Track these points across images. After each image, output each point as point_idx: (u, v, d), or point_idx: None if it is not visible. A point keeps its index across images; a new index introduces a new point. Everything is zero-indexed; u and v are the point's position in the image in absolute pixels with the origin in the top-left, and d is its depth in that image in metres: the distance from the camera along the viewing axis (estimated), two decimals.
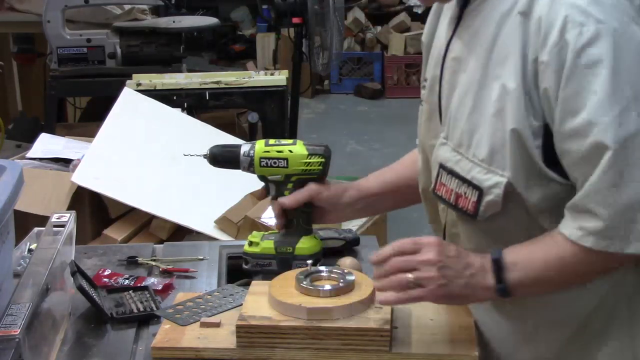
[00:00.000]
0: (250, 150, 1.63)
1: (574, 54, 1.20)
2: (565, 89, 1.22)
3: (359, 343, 1.37)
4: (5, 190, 1.39)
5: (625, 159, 1.20)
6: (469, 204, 1.34)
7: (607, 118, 1.19)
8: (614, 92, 1.19)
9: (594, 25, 1.20)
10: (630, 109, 1.19)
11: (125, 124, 2.52)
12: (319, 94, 7.20)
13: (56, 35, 3.74)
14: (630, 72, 1.20)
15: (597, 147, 1.20)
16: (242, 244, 1.98)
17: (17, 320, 1.28)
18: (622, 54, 1.20)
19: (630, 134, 1.19)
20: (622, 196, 1.20)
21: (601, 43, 1.19)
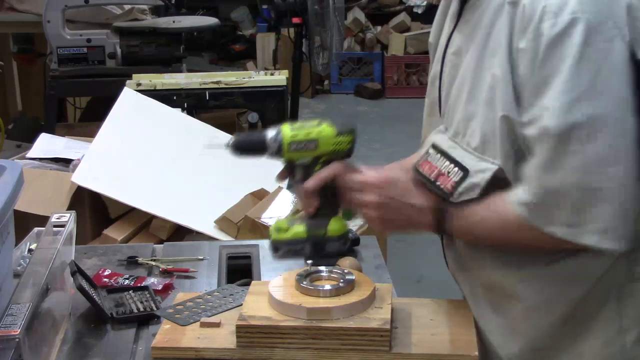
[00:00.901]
0: (278, 135, 1.56)
1: (546, 44, 1.23)
2: (535, 77, 1.25)
3: (359, 343, 1.37)
4: (5, 190, 1.39)
5: (564, 147, 1.23)
6: (448, 182, 1.37)
7: (558, 103, 1.23)
8: (571, 79, 1.22)
9: (568, 16, 1.22)
10: (585, 99, 1.22)
11: (125, 124, 2.52)
12: (319, 94, 7.20)
13: (56, 35, 3.74)
14: (593, 65, 1.22)
15: (544, 131, 1.24)
16: (242, 244, 1.98)
17: (17, 320, 1.28)
18: (590, 46, 1.22)
19: (576, 123, 1.22)
20: (552, 180, 1.25)
21: (572, 33, 1.22)
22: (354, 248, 1.90)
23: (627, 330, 1.34)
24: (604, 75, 1.22)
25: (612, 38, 1.23)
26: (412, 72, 7.01)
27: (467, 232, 1.39)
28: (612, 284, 1.34)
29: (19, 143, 3.71)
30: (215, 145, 1.62)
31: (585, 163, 1.23)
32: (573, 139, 1.23)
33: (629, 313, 1.34)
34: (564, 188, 1.25)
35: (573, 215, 1.25)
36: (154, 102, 2.69)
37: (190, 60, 5.06)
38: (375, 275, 1.74)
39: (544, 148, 1.25)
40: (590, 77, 1.22)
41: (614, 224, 1.25)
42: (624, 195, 1.24)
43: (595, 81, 1.22)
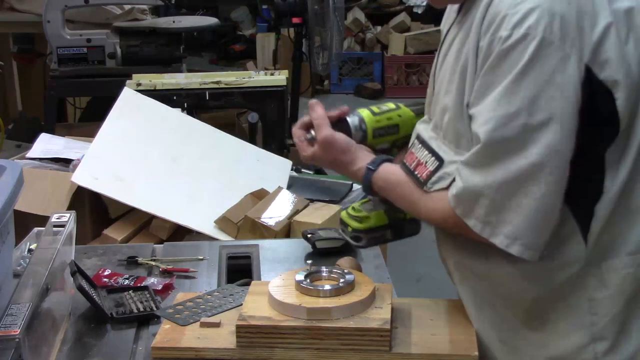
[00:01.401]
0: (362, 124, 1.59)
1: (498, 51, 1.25)
2: (481, 79, 1.28)
3: (359, 343, 1.37)
4: (5, 190, 1.39)
5: (491, 154, 1.27)
6: (424, 171, 1.40)
7: (491, 114, 1.26)
8: (510, 93, 1.24)
9: (523, 31, 1.23)
10: (519, 115, 1.24)
11: (125, 124, 2.52)
12: (319, 94, 7.19)
13: (56, 35, 3.74)
14: (537, 82, 1.23)
15: (476, 135, 1.28)
16: (242, 244, 1.98)
17: (17, 320, 1.28)
18: (537, 63, 1.23)
19: (505, 137, 1.25)
20: (475, 180, 1.29)
21: (523, 47, 1.23)
22: (354, 248, 1.90)
23: (598, 340, 1.35)
24: (546, 95, 1.23)
25: (565, 58, 1.23)
26: (412, 72, 7.01)
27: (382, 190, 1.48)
28: (583, 291, 1.35)
29: (19, 143, 3.71)
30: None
31: (507, 172, 1.26)
32: (499, 151, 1.26)
33: (599, 322, 1.34)
34: (485, 190, 1.28)
35: (489, 215, 1.29)
36: (154, 102, 2.69)
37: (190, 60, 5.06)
38: (375, 275, 1.74)
39: (472, 151, 1.29)
40: (529, 95, 1.24)
41: (525, 234, 1.28)
42: (540, 213, 1.27)
43: (535, 100, 1.23)
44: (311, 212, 2.29)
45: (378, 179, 1.48)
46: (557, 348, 1.37)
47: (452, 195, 1.33)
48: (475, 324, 1.45)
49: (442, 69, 1.43)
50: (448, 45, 1.43)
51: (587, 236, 1.33)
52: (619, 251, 1.33)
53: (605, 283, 1.34)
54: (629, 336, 1.34)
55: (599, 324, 1.34)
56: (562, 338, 1.36)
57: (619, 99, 1.27)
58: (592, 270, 1.34)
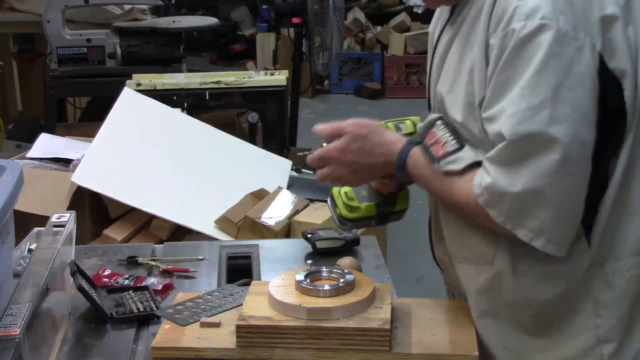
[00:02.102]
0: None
1: (513, 44, 1.24)
2: (498, 76, 1.26)
3: (359, 343, 1.37)
4: (5, 190, 1.39)
5: (516, 152, 1.25)
6: (441, 151, 1.38)
7: (514, 109, 1.23)
8: (532, 86, 1.23)
9: (538, 21, 1.22)
10: (543, 108, 1.22)
11: (125, 124, 2.52)
12: (319, 94, 7.20)
13: (56, 35, 3.74)
14: (557, 73, 1.22)
15: (499, 133, 1.26)
16: (242, 244, 1.98)
17: (17, 320, 1.28)
18: (556, 54, 1.22)
19: (530, 132, 1.23)
20: (502, 178, 1.27)
21: (540, 39, 1.22)
22: (354, 248, 1.90)
23: (604, 342, 1.34)
24: (567, 86, 1.22)
25: (581, 47, 1.23)
26: (412, 72, 7.01)
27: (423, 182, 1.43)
28: (588, 294, 1.34)
29: (19, 143, 3.71)
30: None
31: (534, 170, 1.24)
32: (526, 147, 1.24)
33: (604, 324, 1.34)
34: (511, 186, 1.26)
35: (514, 209, 1.27)
36: (154, 102, 2.69)
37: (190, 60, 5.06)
38: (375, 275, 1.74)
39: (498, 147, 1.27)
40: (552, 87, 1.22)
41: (550, 228, 1.27)
42: (566, 206, 1.26)
43: (557, 91, 1.22)
44: (311, 212, 2.29)
45: (414, 154, 1.42)
46: (563, 352, 1.36)
47: (478, 184, 1.30)
48: (478, 332, 1.44)
49: (444, 70, 1.42)
50: (445, 46, 1.42)
51: (590, 237, 1.32)
52: (622, 252, 1.33)
53: (611, 285, 1.34)
54: (635, 337, 1.34)
55: (604, 326, 1.34)
56: (568, 341, 1.36)
57: (627, 89, 1.27)
58: (597, 272, 1.34)
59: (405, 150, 1.42)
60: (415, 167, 1.42)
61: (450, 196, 1.38)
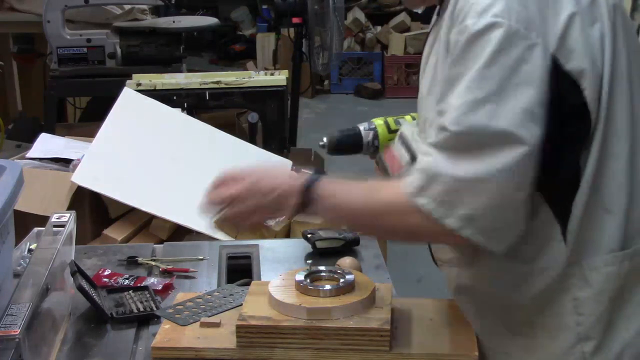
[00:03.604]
0: (375, 140, 1.60)
1: (464, 40, 1.24)
2: (449, 71, 1.26)
3: (359, 343, 1.37)
4: (5, 190, 1.39)
5: (457, 145, 1.23)
6: (396, 165, 1.40)
7: (460, 101, 1.23)
8: (478, 80, 1.22)
9: (490, 18, 1.22)
10: (488, 102, 1.21)
11: (125, 124, 2.52)
12: (319, 94, 7.20)
13: (56, 35, 3.74)
14: (504, 70, 1.21)
15: (442, 127, 1.24)
16: (242, 244, 1.98)
17: (17, 320, 1.28)
18: (504, 51, 1.21)
19: (473, 126, 1.22)
20: (438, 163, 1.24)
21: (490, 35, 1.22)
22: (354, 248, 1.90)
23: (585, 340, 1.34)
24: (513, 83, 1.21)
25: (531, 47, 1.22)
26: (412, 72, 7.01)
27: (334, 214, 1.37)
28: (567, 292, 1.34)
29: (19, 143, 3.71)
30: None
31: (474, 162, 1.22)
32: (468, 139, 1.22)
33: (584, 322, 1.34)
34: (451, 170, 1.23)
35: (448, 192, 1.23)
36: (154, 102, 2.69)
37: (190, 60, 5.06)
38: (375, 275, 1.74)
39: (442, 136, 1.25)
40: (497, 82, 1.21)
41: (482, 218, 1.23)
42: (502, 200, 1.23)
43: (503, 87, 1.21)
44: None
45: (325, 184, 1.36)
46: (546, 351, 1.36)
47: (406, 183, 1.27)
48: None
49: (425, 73, 1.43)
50: (427, 48, 1.44)
51: (566, 234, 1.32)
52: (599, 249, 1.33)
53: (589, 282, 1.33)
54: (615, 334, 1.34)
55: (584, 324, 1.34)
56: (550, 340, 1.36)
57: (587, 89, 1.26)
58: (575, 270, 1.33)
59: (314, 178, 1.37)
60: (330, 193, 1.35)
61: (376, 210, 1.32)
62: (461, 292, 1.46)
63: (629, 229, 1.33)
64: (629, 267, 1.33)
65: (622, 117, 1.31)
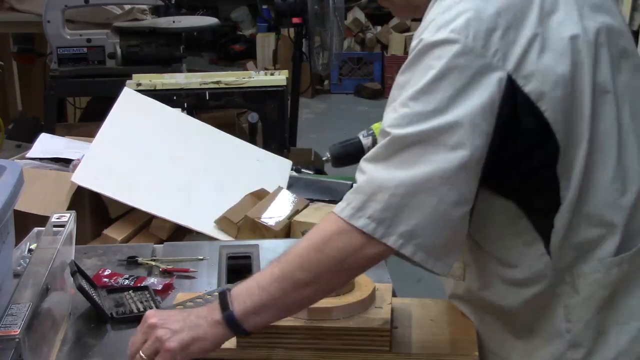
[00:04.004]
0: (374, 145, 1.59)
1: (418, 50, 1.24)
2: (398, 78, 1.27)
3: (359, 343, 1.37)
4: (5, 190, 1.39)
5: (395, 151, 1.23)
6: None
7: (406, 110, 1.23)
8: (426, 92, 1.21)
9: (446, 33, 1.22)
10: (435, 114, 1.21)
11: (125, 124, 2.52)
12: (319, 94, 7.21)
13: (56, 35, 3.74)
14: (455, 85, 1.21)
15: (383, 132, 1.25)
16: (242, 244, 1.99)
17: (17, 320, 1.28)
18: (456, 68, 1.20)
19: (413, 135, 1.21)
20: (377, 172, 1.24)
21: (443, 49, 1.21)
22: None
23: (575, 347, 1.34)
24: (462, 99, 1.20)
25: (485, 67, 1.21)
26: None
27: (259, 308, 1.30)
28: (558, 299, 1.34)
29: (19, 143, 3.71)
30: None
31: (411, 174, 1.21)
32: (406, 149, 1.22)
33: (574, 328, 1.34)
34: (385, 183, 1.22)
35: (386, 212, 1.22)
36: (154, 102, 2.69)
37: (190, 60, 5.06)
38: (375, 275, 1.73)
39: (378, 145, 1.25)
40: (447, 97, 1.21)
41: (423, 233, 1.22)
42: (441, 216, 1.22)
43: (452, 102, 1.20)
44: (311, 212, 2.29)
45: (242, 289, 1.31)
46: (541, 356, 1.37)
47: (338, 210, 1.25)
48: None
49: None
50: None
51: (549, 248, 1.31)
52: (587, 257, 1.32)
53: (577, 289, 1.33)
54: (607, 342, 1.33)
55: (573, 331, 1.34)
56: (544, 346, 1.36)
57: (547, 110, 1.24)
58: (565, 277, 1.33)
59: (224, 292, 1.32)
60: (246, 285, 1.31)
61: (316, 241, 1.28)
62: (458, 299, 1.47)
63: (619, 237, 1.32)
64: (617, 274, 1.32)
65: (608, 133, 1.29)
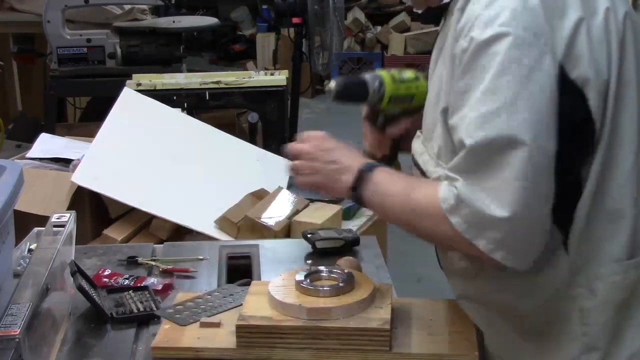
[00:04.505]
0: (381, 88, 1.56)
1: (471, 51, 1.23)
2: (458, 83, 1.26)
3: (359, 343, 1.37)
4: (5, 190, 1.39)
5: (477, 161, 1.22)
6: None
7: (474, 114, 1.22)
8: (491, 91, 1.21)
9: (497, 28, 1.21)
10: (502, 112, 1.20)
11: (125, 124, 2.52)
12: (319, 94, 7.20)
13: (56, 35, 3.74)
14: (516, 79, 1.20)
15: (461, 141, 1.24)
16: (242, 244, 1.99)
17: (17, 320, 1.28)
18: (514, 60, 1.20)
19: (488, 137, 1.21)
20: (464, 185, 1.24)
21: (497, 45, 1.21)
22: (354, 248, 1.90)
23: (591, 350, 1.33)
24: (527, 92, 1.20)
25: (541, 54, 1.21)
26: None
27: (378, 204, 1.39)
28: (573, 302, 1.34)
29: (19, 143, 3.71)
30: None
31: (495, 177, 1.21)
32: (486, 152, 1.21)
33: (590, 331, 1.33)
34: (474, 194, 1.23)
35: (475, 216, 1.23)
36: (154, 102, 2.69)
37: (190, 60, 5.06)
38: (375, 275, 1.74)
39: (460, 155, 1.25)
40: (511, 92, 1.20)
41: (513, 239, 1.23)
42: (528, 216, 1.22)
43: (517, 96, 1.20)
44: (311, 212, 2.29)
45: (379, 172, 1.39)
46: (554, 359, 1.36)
47: (442, 194, 1.27)
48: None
49: (432, 80, 1.43)
50: (436, 53, 1.43)
51: (568, 244, 1.31)
52: (604, 258, 1.32)
53: (594, 292, 1.32)
54: (622, 344, 1.33)
55: (589, 334, 1.33)
56: (558, 350, 1.35)
57: (591, 98, 1.25)
58: (580, 280, 1.32)
59: (370, 165, 1.41)
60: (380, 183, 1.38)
61: (414, 210, 1.33)
62: (468, 300, 1.46)
63: (635, 237, 1.32)
64: (635, 277, 1.32)
65: (628, 125, 1.30)
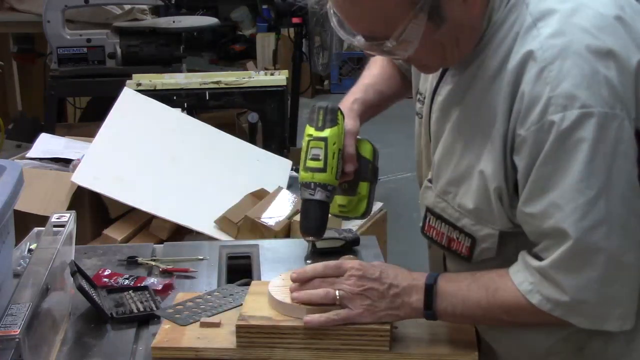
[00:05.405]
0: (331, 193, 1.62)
1: (555, 137, 1.19)
2: (539, 169, 1.22)
3: (359, 343, 1.37)
4: (5, 190, 1.39)
5: (584, 248, 1.21)
6: (462, 247, 1.38)
7: (573, 205, 1.20)
8: (586, 178, 1.19)
9: (578, 110, 1.17)
10: (600, 197, 1.19)
11: (125, 124, 2.52)
12: (319, 94, 7.20)
13: (56, 35, 3.74)
14: (606, 159, 1.18)
15: (559, 231, 1.22)
16: (242, 244, 1.98)
17: (17, 320, 1.28)
18: (601, 140, 1.18)
19: (595, 222, 1.20)
20: (576, 282, 1.23)
21: (583, 129, 1.18)
22: (354, 248, 1.90)
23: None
24: (617, 166, 1.19)
25: (621, 123, 1.19)
26: None
27: (459, 315, 1.36)
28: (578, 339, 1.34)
29: (19, 143, 3.72)
30: None
31: (605, 259, 1.21)
32: (592, 241, 1.20)
33: None
34: (590, 286, 1.23)
35: (599, 308, 1.25)
36: (154, 102, 2.69)
37: (190, 60, 5.06)
38: None
39: (561, 249, 1.22)
40: (604, 173, 1.18)
41: (631, 306, 1.27)
42: (636, 279, 1.25)
43: (610, 175, 1.19)
44: None
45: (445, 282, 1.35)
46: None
47: (545, 299, 1.26)
48: None
49: (445, 135, 1.38)
50: (444, 108, 1.39)
51: None
52: None
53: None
54: None
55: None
56: None
57: None
58: None
59: (431, 276, 1.36)
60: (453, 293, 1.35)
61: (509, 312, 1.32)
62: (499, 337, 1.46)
63: None
64: None
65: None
